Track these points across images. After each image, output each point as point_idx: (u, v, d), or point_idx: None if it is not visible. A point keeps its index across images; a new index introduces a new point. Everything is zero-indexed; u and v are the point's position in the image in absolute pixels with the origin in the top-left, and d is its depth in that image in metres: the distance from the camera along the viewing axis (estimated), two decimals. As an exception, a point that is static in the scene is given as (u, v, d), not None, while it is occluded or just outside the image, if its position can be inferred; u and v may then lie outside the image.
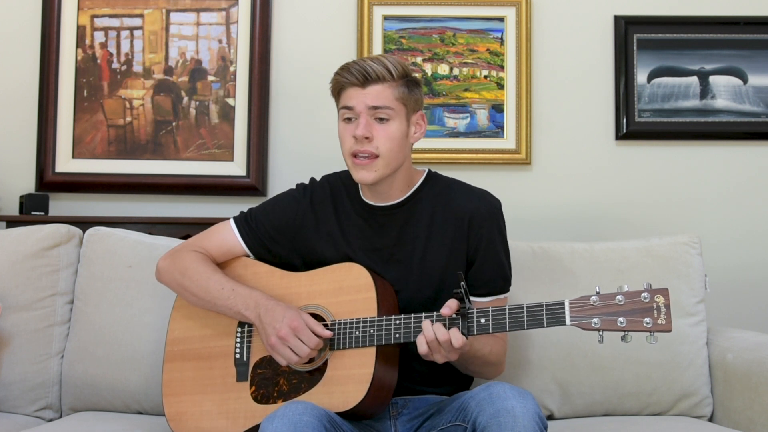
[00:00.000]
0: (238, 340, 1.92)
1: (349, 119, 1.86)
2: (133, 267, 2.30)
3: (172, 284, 2.00)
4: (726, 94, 2.85)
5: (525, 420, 1.57)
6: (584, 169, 2.86)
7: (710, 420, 2.25)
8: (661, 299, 1.61)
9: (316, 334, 1.79)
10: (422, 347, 1.71)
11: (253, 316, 1.85)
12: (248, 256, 2.02)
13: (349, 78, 1.84)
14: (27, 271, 2.29)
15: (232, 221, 2.03)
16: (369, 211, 1.95)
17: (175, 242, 2.34)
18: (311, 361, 1.82)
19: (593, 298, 1.64)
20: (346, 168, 1.93)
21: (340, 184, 2.00)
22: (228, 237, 2.01)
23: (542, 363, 2.23)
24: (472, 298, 1.88)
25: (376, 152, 1.84)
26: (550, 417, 2.24)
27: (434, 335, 1.69)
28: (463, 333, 1.69)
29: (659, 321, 1.60)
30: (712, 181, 2.85)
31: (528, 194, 2.85)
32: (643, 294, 1.62)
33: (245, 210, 2.05)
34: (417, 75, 1.94)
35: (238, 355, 1.91)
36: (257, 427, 1.69)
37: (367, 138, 1.83)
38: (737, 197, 2.85)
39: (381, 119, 1.84)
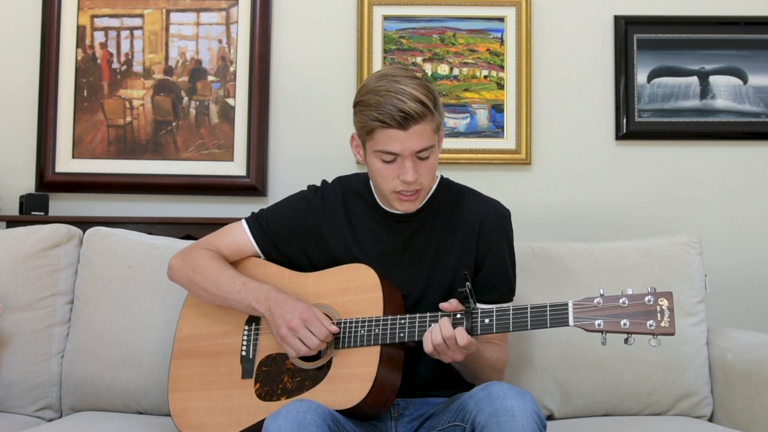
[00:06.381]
0: (245, 337, 1.93)
1: (390, 161, 1.80)
2: (133, 267, 2.30)
3: (183, 281, 2.01)
4: (726, 94, 2.85)
5: (524, 419, 1.57)
6: (584, 169, 2.86)
7: (710, 420, 2.25)
8: (664, 302, 1.61)
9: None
10: (428, 346, 1.72)
11: (264, 309, 1.86)
12: (259, 256, 2.03)
13: (388, 122, 1.75)
14: (27, 271, 2.29)
15: (244, 221, 2.04)
16: (383, 216, 1.95)
17: (175, 242, 2.35)
18: (316, 358, 1.83)
19: (597, 299, 1.64)
20: (356, 171, 1.92)
21: (352, 188, 2.00)
22: (239, 236, 2.02)
23: (542, 363, 2.23)
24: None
25: (420, 187, 1.83)
26: (550, 417, 2.24)
27: (439, 330, 1.70)
28: (467, 330, 1.70)
29: (662, 324, 1.60)
30: (712, 181, 2.85)
31: (528, 194, 2.85)
32: (647, 297, 1.62)
33: (257, 210, 2.06)
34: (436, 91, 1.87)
35: (244, 353, 1.92)
36: (260, 423, 1.69)
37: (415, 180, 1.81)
38: (737, 197, 2.85)
39: (423, 158, 1.81)
